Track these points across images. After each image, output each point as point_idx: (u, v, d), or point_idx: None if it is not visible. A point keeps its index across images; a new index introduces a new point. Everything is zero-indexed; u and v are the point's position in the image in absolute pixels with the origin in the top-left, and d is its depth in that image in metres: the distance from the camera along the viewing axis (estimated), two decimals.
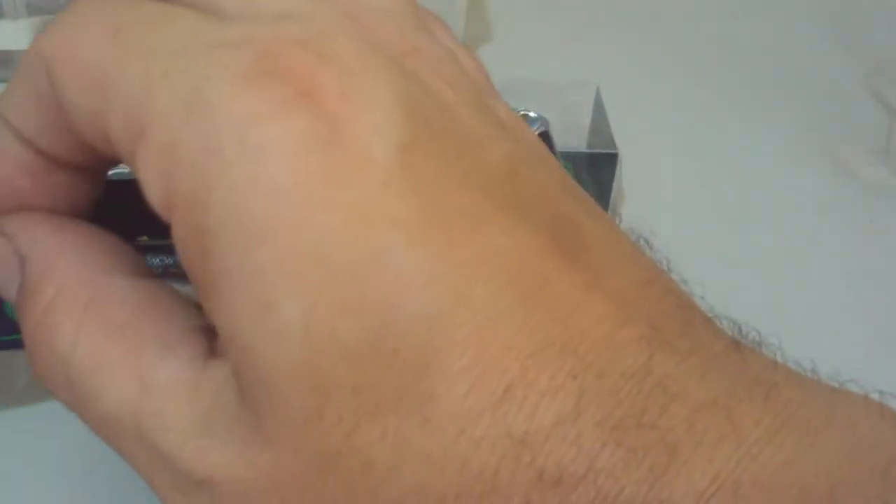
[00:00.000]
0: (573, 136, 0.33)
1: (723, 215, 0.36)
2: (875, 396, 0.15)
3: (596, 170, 0.33)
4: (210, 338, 0.16)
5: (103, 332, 0.16)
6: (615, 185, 0.33)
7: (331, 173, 0.14)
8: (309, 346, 0.14)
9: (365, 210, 0.14)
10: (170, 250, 0.17)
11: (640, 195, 0.35)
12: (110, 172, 0.19)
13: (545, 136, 0.27)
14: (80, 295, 0.17)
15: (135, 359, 0.16)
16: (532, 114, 0.28)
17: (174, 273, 0.19)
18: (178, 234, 0.15)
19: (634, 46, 0.44)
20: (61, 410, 0.17)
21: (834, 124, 0.40)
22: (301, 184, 0.14)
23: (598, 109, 0.34)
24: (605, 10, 0.47)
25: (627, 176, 0.33)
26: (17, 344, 0.18)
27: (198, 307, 0.16)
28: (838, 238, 0.35)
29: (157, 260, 0.22)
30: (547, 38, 0.44)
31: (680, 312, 0.15)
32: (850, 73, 0.43)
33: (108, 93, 0.16)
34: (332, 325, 0.14)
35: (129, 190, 0.16)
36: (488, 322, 0.14)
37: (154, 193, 0.15)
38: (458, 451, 0.14)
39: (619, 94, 0.35)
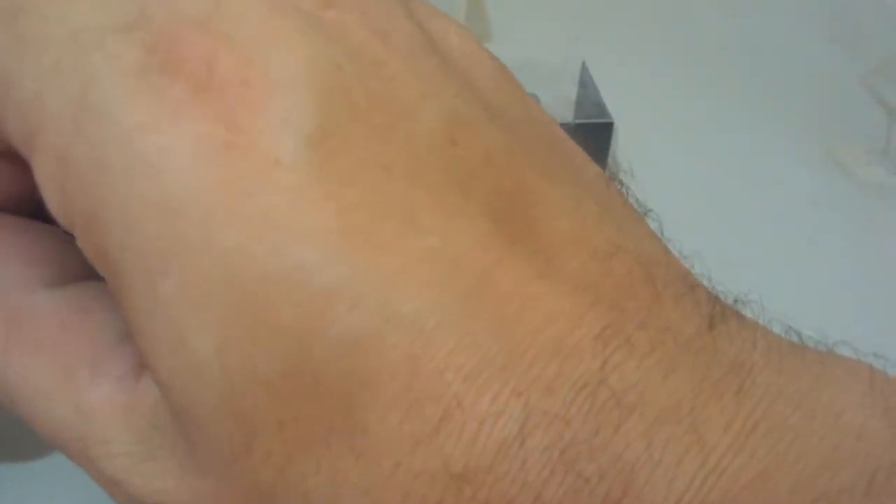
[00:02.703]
0: (562, 111, 0.33)
1: (720, 216, 0.36)
2: (870, 360, 0.13)
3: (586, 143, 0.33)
4: None
5: (31, 355, 0.15)
6: (610, 155, 0.32)
7: (232, 183, 0.12)
8: (227, 381, 0.13)
9: (273, 223, 0.12)
10: None
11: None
12: None
13: None
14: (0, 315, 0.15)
15: (67, 382, 0.15)
16: None
17: None
18: (84, 250, 0.14)
19: (636, 46, 0.44)
20: None
21: (832, 124, 0.40)
22: (199, 199, 0.12)
23: (587, 83, 0.34)
24: (608, 10, 0.47)
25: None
26: None
27: None
28: (836, 238, 0.35)
29: None
30: (547, 37, 0.44)
31: (647, 288, 0.13)
32: (849, 72, 0.43)
33: (3, 87, 0.14)
34: (248, 357, 0.13)
35: None
36: (421, 341, 0.12)
37: (52, 205, 0.14)
38: (396, 485, 0.12)
39: (620, 93, 0.35)
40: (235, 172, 0.12)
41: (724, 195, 0.36)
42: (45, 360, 0.15)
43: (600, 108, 0.33)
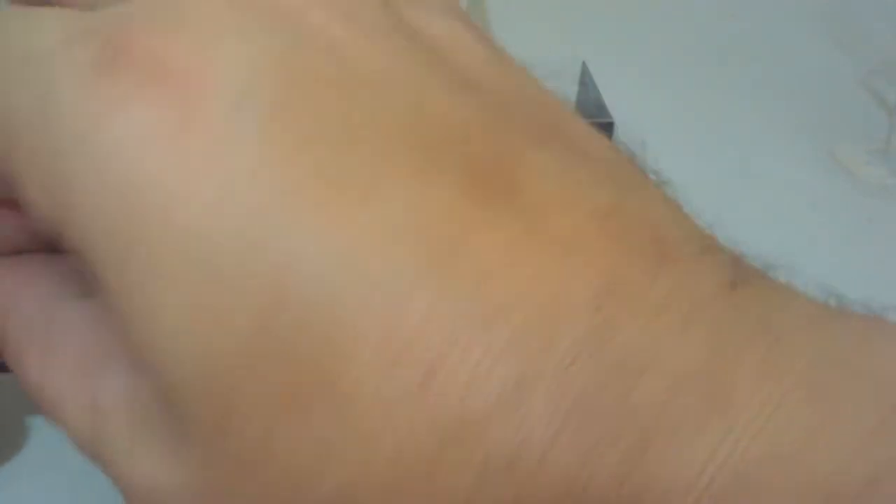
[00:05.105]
0: None
1: (720, 215, 0.36)
2: None
3: None
4: None
5: (61, 369, 0.16)
6: None
7: (189, 163, 0.13)
8: (200, 355, 0.13)
9: (228, 201, 0.13)
10: None
11: None
12: None
13: None
14: (36, 330, 0.16)
15: (86, 384, 0.15)
16: None
17: None
18: (70, 249, 0.14)
19: (637, 46, 0.44)
20: None
21: (832, 123, 0.40)
22: (157, 182, 0.13)
23: (587, 83, 0.34)
24: (608, 10, 0.47)
25: None
26: None
27: None
28: (837, 237, 0.35)
29: None
30: (547, 37, 0.44)
31: (655, 247, 0.13)
32: (849, 72, 0.43)
33: None
34: (220, 328, 0.13)
35: None
36: (396, 297, 0.12)
37: (36, 215, 0.14)
38: (384, 447, 0.12)
39: (620, 93, 0.35)
40: (192, 151, 0.13)
41: (724, 195, 0.36)
42: (72, 366, 0.15)
43: (600, 108, 0.33)
